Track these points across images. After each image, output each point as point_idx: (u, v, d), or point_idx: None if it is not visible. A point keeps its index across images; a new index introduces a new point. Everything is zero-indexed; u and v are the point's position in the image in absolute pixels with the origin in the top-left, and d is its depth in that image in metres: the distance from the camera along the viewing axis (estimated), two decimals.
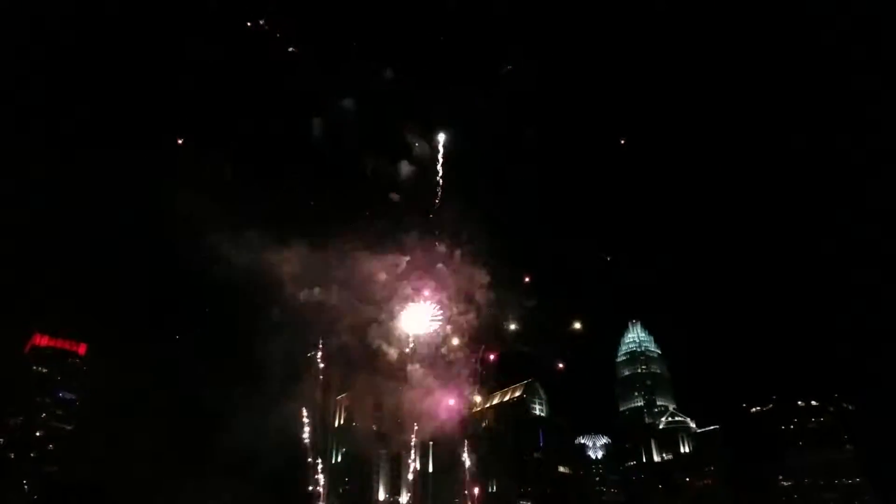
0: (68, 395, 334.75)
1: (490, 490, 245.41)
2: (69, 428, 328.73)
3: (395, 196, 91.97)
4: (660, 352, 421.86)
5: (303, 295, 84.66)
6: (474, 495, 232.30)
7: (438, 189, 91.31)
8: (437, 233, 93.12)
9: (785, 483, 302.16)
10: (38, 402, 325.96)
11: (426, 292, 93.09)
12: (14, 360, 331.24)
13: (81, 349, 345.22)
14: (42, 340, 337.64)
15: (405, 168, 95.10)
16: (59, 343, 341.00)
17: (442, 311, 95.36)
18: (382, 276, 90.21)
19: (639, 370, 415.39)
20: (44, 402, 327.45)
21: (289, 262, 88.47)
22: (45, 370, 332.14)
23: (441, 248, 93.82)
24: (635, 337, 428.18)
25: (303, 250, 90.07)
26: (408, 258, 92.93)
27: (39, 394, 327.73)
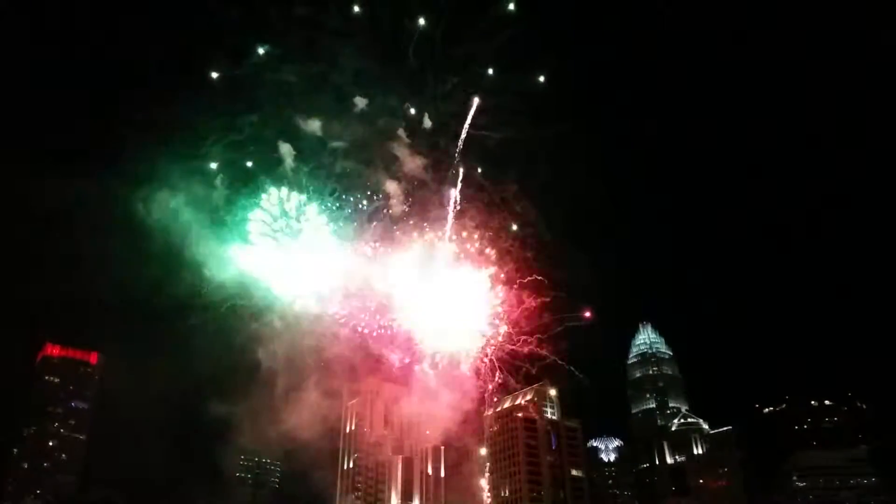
0: (81, 405, 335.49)
1: (502, 494, 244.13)
2: (82, 437, 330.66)
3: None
4: (671, 353, 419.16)
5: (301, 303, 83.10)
6: (486, 499, 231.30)
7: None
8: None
9: (799, 483, 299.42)
10: (51, 412, 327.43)
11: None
12: (26, 371, 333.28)
13: (93, 358, 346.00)
14: (53, 350, 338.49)
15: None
16: (71, 352, 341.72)
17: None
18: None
19: (650, 372, 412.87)
20: (56, 411, 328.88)
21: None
22: (56, 380, 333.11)
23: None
24: (646, 338, 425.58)
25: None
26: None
27: (52, 403, 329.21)
